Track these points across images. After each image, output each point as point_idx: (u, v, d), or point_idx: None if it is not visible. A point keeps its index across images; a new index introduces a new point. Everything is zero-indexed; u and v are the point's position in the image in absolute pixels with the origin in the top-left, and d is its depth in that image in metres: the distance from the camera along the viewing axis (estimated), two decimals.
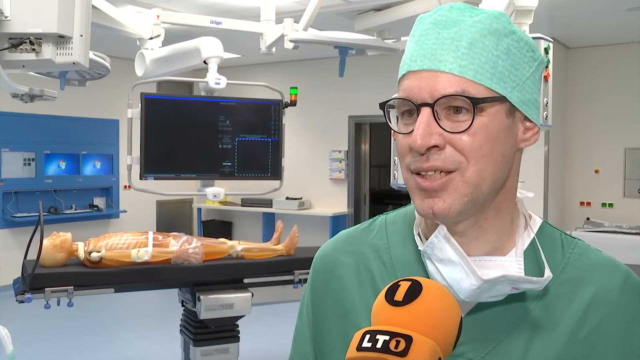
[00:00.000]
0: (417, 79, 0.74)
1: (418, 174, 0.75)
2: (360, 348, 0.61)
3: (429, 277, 0.78)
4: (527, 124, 0.78)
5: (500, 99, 0.74)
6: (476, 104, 0.72)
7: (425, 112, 0.73)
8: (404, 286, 0.66)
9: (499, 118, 0.74)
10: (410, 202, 0.86)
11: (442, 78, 0.73)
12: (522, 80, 0.76)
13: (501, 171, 0.76)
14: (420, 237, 0.83)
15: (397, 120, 0.79)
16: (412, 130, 0.74)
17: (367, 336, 0.62)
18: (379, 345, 0.61)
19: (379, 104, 0.80)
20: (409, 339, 0.60)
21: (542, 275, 0.76)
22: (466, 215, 0.77)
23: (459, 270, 0.74)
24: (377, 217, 0.95)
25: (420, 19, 0.80)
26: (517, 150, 0.79)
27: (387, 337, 0.61)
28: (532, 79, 0.77)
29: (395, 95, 0.78)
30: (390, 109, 0.79)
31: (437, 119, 0.73)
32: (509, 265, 0.79)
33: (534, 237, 0.82)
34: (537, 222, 0.86)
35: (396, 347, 0.60)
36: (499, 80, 0.74)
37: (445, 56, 0.73)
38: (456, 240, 0.78)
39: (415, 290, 0.65)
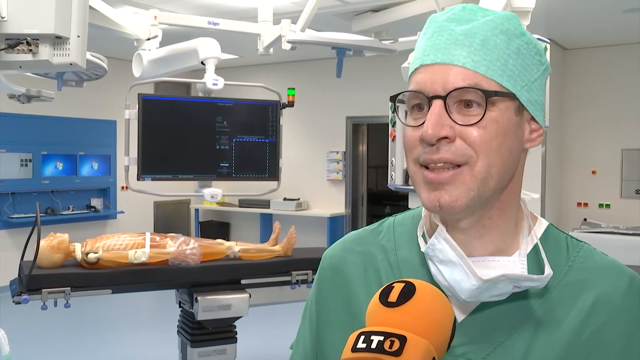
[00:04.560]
0: (429, 72, 0.75)
1: (426, 167, 0.76)
2: (355, 349, 0.62)
3: (432, 278, 0.79)
4: (533, 125, 0.79)
5: (511, 96, 0.75)
6: (489, 96, 0.73)
7: (437, 104, 0.73)
8: (398, 287, 0.66)
9: (508, 114, 0.75)
10: (409, 204, 0.87)
11: (454, 71, 0.74)
12: (530, 81, 0.77)
13: (508, 167, 0.77)
14: (425, 239, 0.84)
15: (406, 115, 0.80)
16: (422, 123, 0.74)
17: (362, 337, 0.63)
18: (373, 345, 0.61)
19: (390, 97, 0.81)
20: (403, 339, 0.61)
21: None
22: (471, 211, 0.77)
23: (460, 271, 0.75)
24: (386, 218, 0.96)
25: (432, 18, 0.81)
26: (522, 151, 0.80)
27: (381, 338, 0.61)
28: (539, 82, 0.78)
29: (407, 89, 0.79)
30: (399, 104, 0.80)
31: (449, 112, 0.74)
32: (512, 266, 0.79)
33: (537, 240, 0.82)
34: (542, 224, 0.86)
35: (390, 347, 0.60)
36: (509, 77, 0.75)
37: (458, 50, 0.74)
38: (459, 238, 0.78)
39: (408, 292, 0.65)
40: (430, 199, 0.76)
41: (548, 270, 0.76)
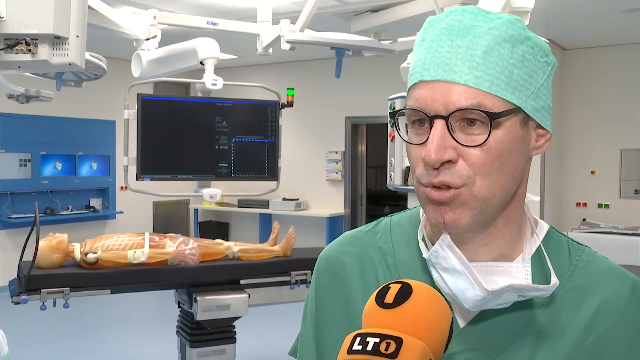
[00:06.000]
0: (430, 89, 0.72)
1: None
2: (350, 351, 0.61)
3: (434, 285, 0.77)
4: (540, 131, 0.77)
5: (516, 110, 0.72)
6: (493, 119, 0.70)
7: (439, 124, 0.71)
8: (394, 288, 0.65)
9: (513, 130, 0.72)
10: (408, 204, 0.86)
11: (456, 90, 0.70)
12: (536, 87, 0.74)
13: (512, 183, 0.75)
14: (425, 242, 0.82)
15: (406, 127, 0.77)
16: (425, 141, 0.72)
17: (358, 339, 0.62)
18: (369, 347, 0.61)
19: (389, 113, 0.80)
20: (399, 341, 0.60)
21: (548, 282, 0.75)
22: (476, 226, 0.75)
23: (464, 279, 0.73)
24: (381, 219, 0.94)
25: (430, 22, 0.77)
26: (528, 160, 0.78)
27: (377, 340, 0.61)
28: (545, 85, 0.75)
29: (406, 105, 0.76)
30: (399, 116, 0.77)
31: (451, 132, 0.71)
32: (516, 272, 0.78)
33: (540, 244, 0.81)
34: (543, 227, 0.84)
35: (386, 349, 0.60)
36: (514, 90, 0.71)
37: (459, 66, 0.71)
38: (464, 247, 0.77)
39: (405, 293, 0.65)
40: (435, 215, 0.74)
41: (554, 280, 0.75)
